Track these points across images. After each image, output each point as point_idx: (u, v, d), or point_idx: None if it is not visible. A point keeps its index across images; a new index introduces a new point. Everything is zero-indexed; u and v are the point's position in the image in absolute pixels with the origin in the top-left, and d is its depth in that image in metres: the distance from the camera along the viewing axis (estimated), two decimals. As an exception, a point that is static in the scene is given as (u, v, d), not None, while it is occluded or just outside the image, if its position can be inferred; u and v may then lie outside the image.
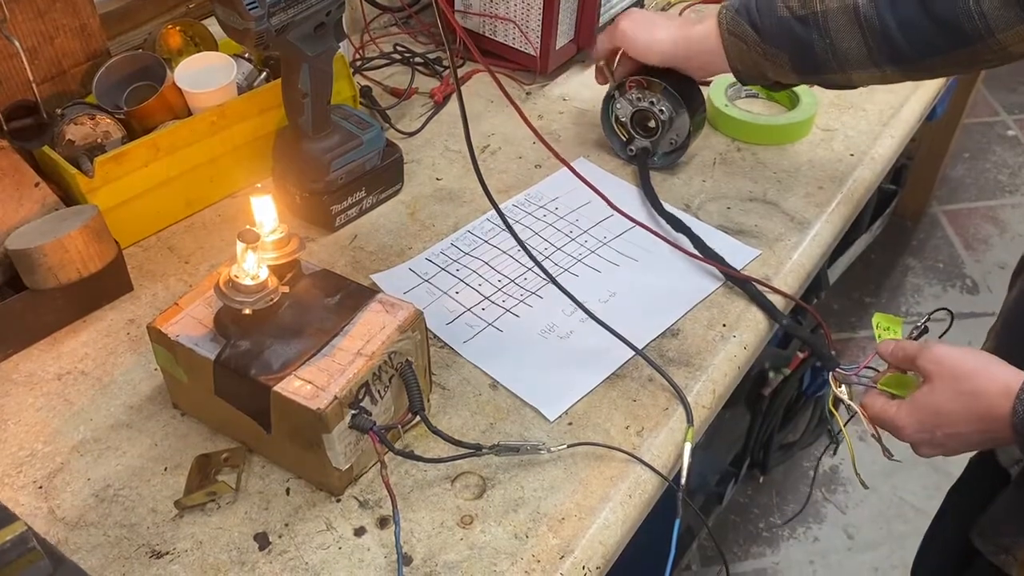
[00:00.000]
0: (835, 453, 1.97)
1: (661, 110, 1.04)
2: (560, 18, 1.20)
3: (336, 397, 0.69)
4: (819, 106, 1.16)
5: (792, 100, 1.17)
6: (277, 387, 0.70)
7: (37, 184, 0.89)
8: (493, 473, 0.76)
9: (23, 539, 0.53)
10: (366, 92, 1.17)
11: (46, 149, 0.92)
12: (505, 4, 1.22)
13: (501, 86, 0.84)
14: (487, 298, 0.92)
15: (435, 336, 0.88)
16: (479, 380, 0.84)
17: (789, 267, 0.97)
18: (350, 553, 0.71)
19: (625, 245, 0.98)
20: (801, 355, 1.61)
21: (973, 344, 0.83)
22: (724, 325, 0.89)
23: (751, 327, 0.90)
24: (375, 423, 0.71)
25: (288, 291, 0.76)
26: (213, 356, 0.73)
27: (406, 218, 1.02)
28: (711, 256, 0.94)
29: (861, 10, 0.85)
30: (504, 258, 0.96)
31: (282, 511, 0.73)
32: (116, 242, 0.90)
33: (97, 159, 0.90)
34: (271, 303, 0.73)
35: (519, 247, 0.85)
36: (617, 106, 1.08)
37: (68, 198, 0.91)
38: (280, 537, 0.72)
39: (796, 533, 1.83)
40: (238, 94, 1.02)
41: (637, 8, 1.04)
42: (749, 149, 1.13)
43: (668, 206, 1.01)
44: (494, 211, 0.83)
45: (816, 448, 1.97)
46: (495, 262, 0.96)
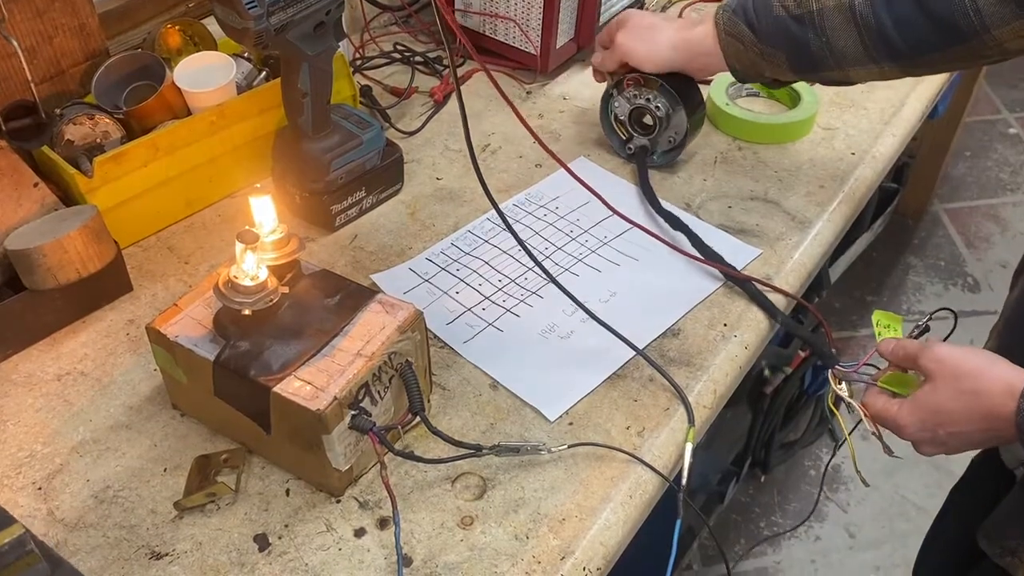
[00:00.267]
0: (835, 453, 1.96)
1: (657, 107, 1.03)
2: (560, 17, 1.19)
3: (336, 398, 0.68)
4: (820, 105, 1.16)
5: (793, 99, 1.17)
6: (277, 388, 0.69)
7: (36, 184, 0.89)
8: (493, 474, 0.76)
9: (21, 542, 0.53)
10: (366, 91, 1.17)
11: (45, 149, 0.92)
12: (505, 3, 1.21)
13: (498, 86, 0.84)
14: (487, 298, 0.92)
15: (435, 336, 0.87)
16: (479, 380, 0.84)
17: (790, 266, 0.96)
18: (350, 554, 0.70)
19: (626, 245, 0.98)
20: (802, 354, 1.61)
21: (975, 342, 0.83)
22: (725, 325, 0.89)
23: (752, 327, 0.89)
24: (375, 424, 0.71)
25: (288, 291, 0.76)
26: (212, 357, 0.72)
27: (406, 218, 1.02)
28: (711, 256, 0.94)
29: (857, 9, 0.85)
30: (504, 258, 0.96)
31: (282, 512, 0.73)
32: (115, 242, 0.90)
33: (96, 159, 0.90)
34: (270, 304, 0.73)
35: (519, 247, 0.85)
36: (615, 104, 1.08)
37: (67, 198, 0.91)
38: (280, 538, 0.71)
39: (797, 532, 1.83)
40: (237, 94, 1.01)
41: (634, 10, 1.02)
42: (750, 148, 1.13)
43: (668, 205, 1.01)
44: (494, 211, 0.83)
45: (817, 447, 1.97)
46: (495, 262, 0.96)
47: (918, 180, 2.44)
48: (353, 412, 0.70)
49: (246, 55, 1.07)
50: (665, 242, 0.95)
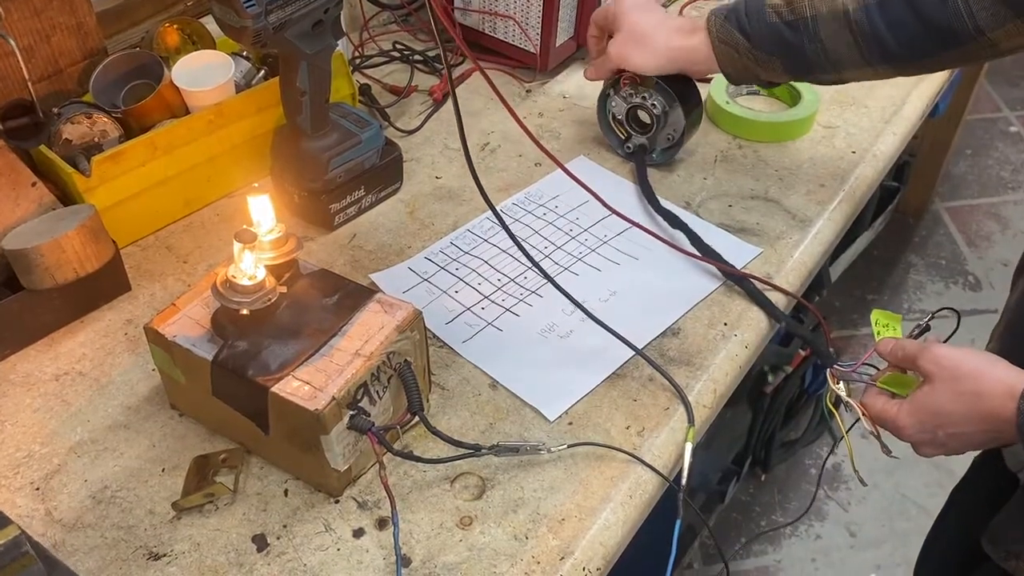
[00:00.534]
0: (833, 451, 1.96)
1: (654, 105, 1.03)
2: (560, 15, 1.19)
3: (334, 398, 0.68)
4: (821, 103, 1.16)
5: (793, 97, 1.17)
6: (275, 388, 0.69)
7: (34, 184, 0.89)
8: (493, 474, 0.76)
9: (16, 543, 0.52)
10: (365, 90, 1.16)
11: (43, 148, 0.92)
12: (505, 1, 1.21)
13: (493, 86, 0.83)
14: (487, 297, 0.91)
15: (434, 336, 0.87)
16: (479, 380, 0.83)
17: (791, 265, 0.96)
18: (349, 555, 0.70)
19: (626, 244, 0.97)
20: (803, 353, 1.61)
21: (975, 341, 0.82)
22: (725, 324, 0.89)
23: (752, 326, 0.89)
24: (373, 424, 0.71)
25: (286, 291, 0.75)
26: (210, 357, 0.72)
27: (405, 217, 1.02)
28: (711, 255, 0.94)
29: (851, 15, 0.85)
30: (504, 257, 0.96)
31: (280, 512, 0.73)
32: (113, 242, 0.89)
33: (94, 158, 0.90)
34: (269, 303, 0.73)
35: (517, 247, 0.85)
36: (612, 104, 1.08)
37: (65, 198, 0.91)
38: (278, 539, 0.71)
39: (798, 531, 1.83)
40: (236, 92, 1.01)
41: (626, 6, 0.99)
42: (750, 146, 1.12)
43: (668, 204, 1.01)
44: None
45: (818, 446, 1.97)
46: (495, 261, 0.95)
47: (919, 178, 2.43)
48: (351, 412, 0.70)
49: (244, 54, 1.07)
50: (665, 241, 0.95)
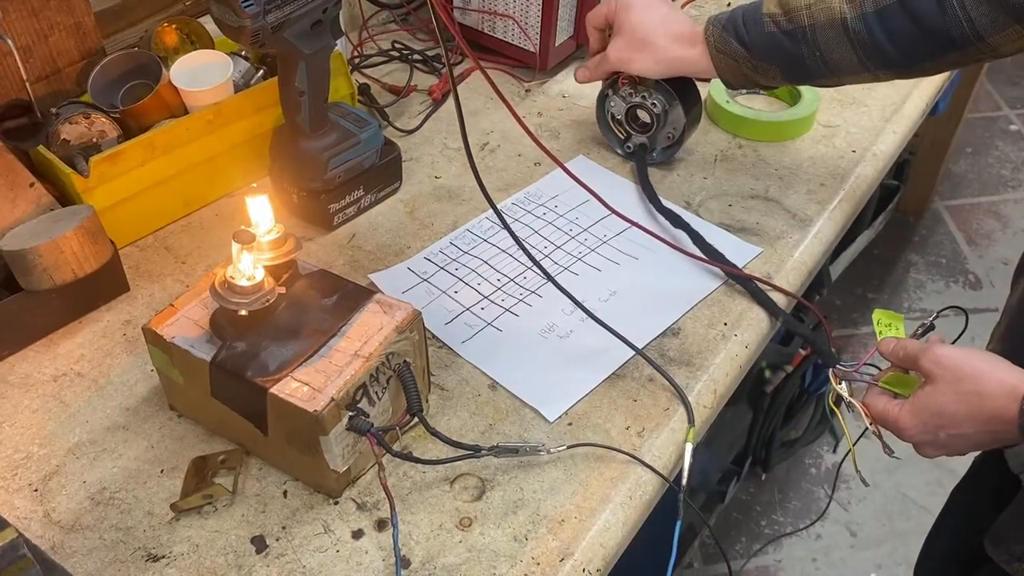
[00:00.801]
0: (835, 452, 1.96)
1: (654, 104, 1.03)
2: (560, 14, 1.19)
3: (333, 399, 0.68)
4: (821, 102, 1.15)
5: (793, 96, 1.17)
6: (273, 389, 0.69)
7: (32, 184, 0.88)
8: (492, 475, 0.75)
9: (14, 546, 0.52)
10: (364, 90, 1.16)
11: (41, 149, 0.92)
12: (504, 0, 1.21)
13: (494, 86, 0.83)
14: (486, 297, 0.91)
15: (434, 336, 0.87)
16: (478, 380, 0.83)
17: (791, 265, 0.96)
18: (348, 556, 0.70)
19: (626, 243, 0.97)
20: (803, 352, 1.61)
21: (976, 340, 0.82)
22: (725, 324, 0.88)
23: (752, 326, 0.89)
24: (373, 425, 0.70)
25: (285, 292, 0.75)
26: (209, 358, 0.72)
27: (405, 217, 1.02)
28: (712, 254, 0.94)
29: (849, 24, 0.85)
30: (503, 257, 0.96)
31: (279, 514, 0.73)
32: (112, 242, 0.89)
33: (92, 159, 0.90)
34: (267, 304, 0.73)
35: (518, 246, 0.84)
36: (611, 104, 1.07)
37: (63, 198, 0.91)
38: (277, 540, 0.71)
39: (798, 530, 1.83)
40: (235, 92, 1.01)
41: (626, 5, 0.99)
42: (750, 146, 1.12)
43: (668, 203, 1.01)
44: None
45: (819, 445, 1.97)
46: (494, 261, 0.95)
47: (919, 177, 2.43)
48: (351, 413, 0.70)
49: (243, 53, 1.06)
50: (665, 241, 0.95)
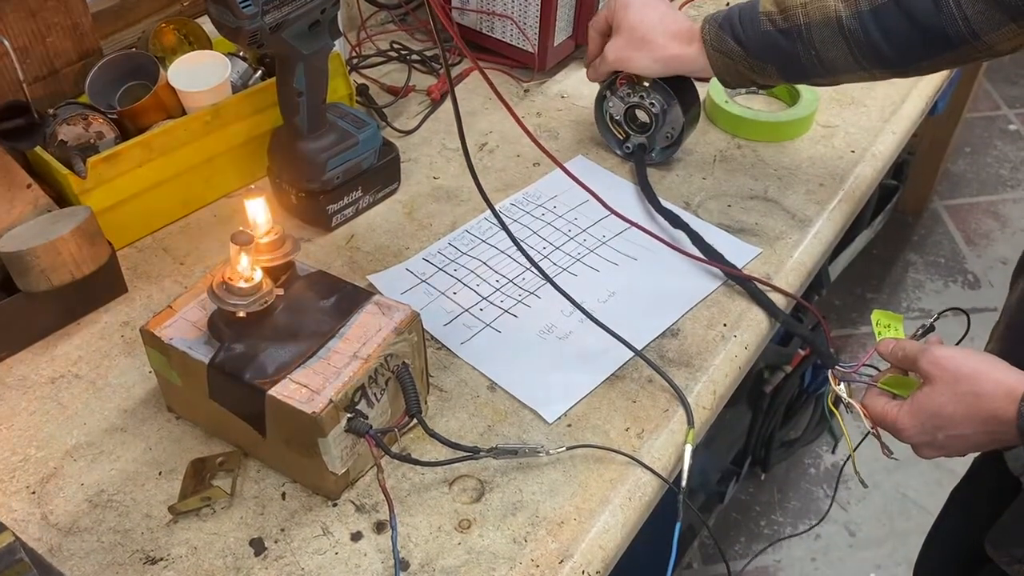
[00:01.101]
0: (834, 451, 1.96)
1: (652, 103, 1.03)
2: (558, 15, 1.19)
3: (331, 401, 0.68)
4: (820, 102, 1.15)
5: (792, 96, 1.16)
6: (272, 391, 0.69)
7: (29, 185, 0.88)
8: (491, 476, 0.75)
9: (11, 550, 0.52)
10: (362, 90, 1.16)
11: (38, 150, 0.91)
12: (503, 1, 1.21)
13: (492, 86, 0.83)
14: (485, 298, 0.91)
15: (432, 337, 0.87)
16: (477, 382, 0.83)
17: (790, 265, 0.96)
18: (347, 558, 0.70)
19: (625, 244, 0.97)
20: (802, 352, 1.61)
21: (975, 340, 0.82)
22: (725, 325, 0.88)
23: (752, 326, 0.89)
24: (371, 426, 0.70)
25: (283, 293, 0.75)
26: (207, 359, 0.72)
27: (403, 218, 1.01)
28: (711, 255, 0.93)
29: (844, 22, 0.85)
30: (502, 258, 0.95)
31: (278, 516, 0.73)
32: (110, 244, 0.89)
33: (90, 160, 0.89)
34: (265, 305, 0.72)
35: (516, 247, 0.84)
36: (609, 105, 1.07)
37: (61, 199, 0.90)
38: (276, 542, 0.71)
39: (798, 530, 1.83)
40: (233, 93, 1.01)
41: (624, 5, 0.99)
42: (749, 146, 1.12)
43: (667, 204, 1.00)
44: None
45: (818, 445, 1.97)
46: (493, 262, 0.95)
47: (918, 177, 2.43)
48: (349, 415, 0.70)
49: (241, 54, 1.06)
50: (664, 241, 0.95)
